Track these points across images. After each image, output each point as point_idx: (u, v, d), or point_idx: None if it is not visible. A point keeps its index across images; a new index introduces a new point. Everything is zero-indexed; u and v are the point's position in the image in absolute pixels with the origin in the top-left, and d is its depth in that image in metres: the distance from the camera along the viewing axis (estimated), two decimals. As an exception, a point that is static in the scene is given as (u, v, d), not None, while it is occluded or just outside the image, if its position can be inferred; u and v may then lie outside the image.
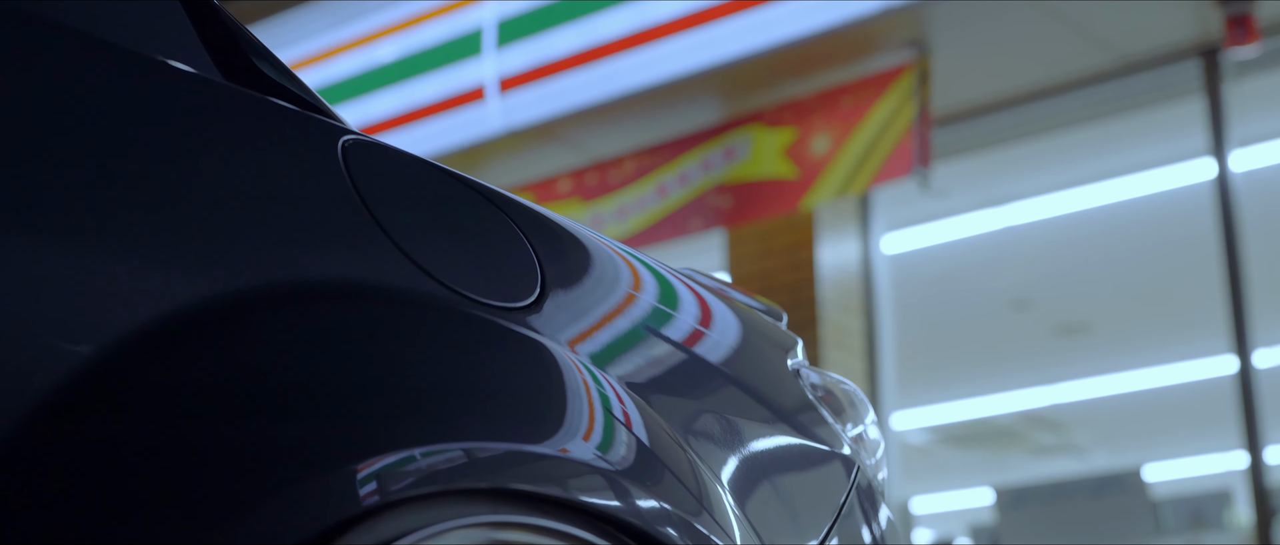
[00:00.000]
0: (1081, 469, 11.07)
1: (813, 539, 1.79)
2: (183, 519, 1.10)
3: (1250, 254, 6.96)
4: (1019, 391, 11.38)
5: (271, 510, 1.14)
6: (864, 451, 2.04)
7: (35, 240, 1.16)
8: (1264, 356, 7.17)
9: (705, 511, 1.57)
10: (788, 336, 2.08)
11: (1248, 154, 7.28)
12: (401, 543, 1.19)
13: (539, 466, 1.39)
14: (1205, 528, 7.59)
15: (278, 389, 1.23)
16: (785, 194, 7.32)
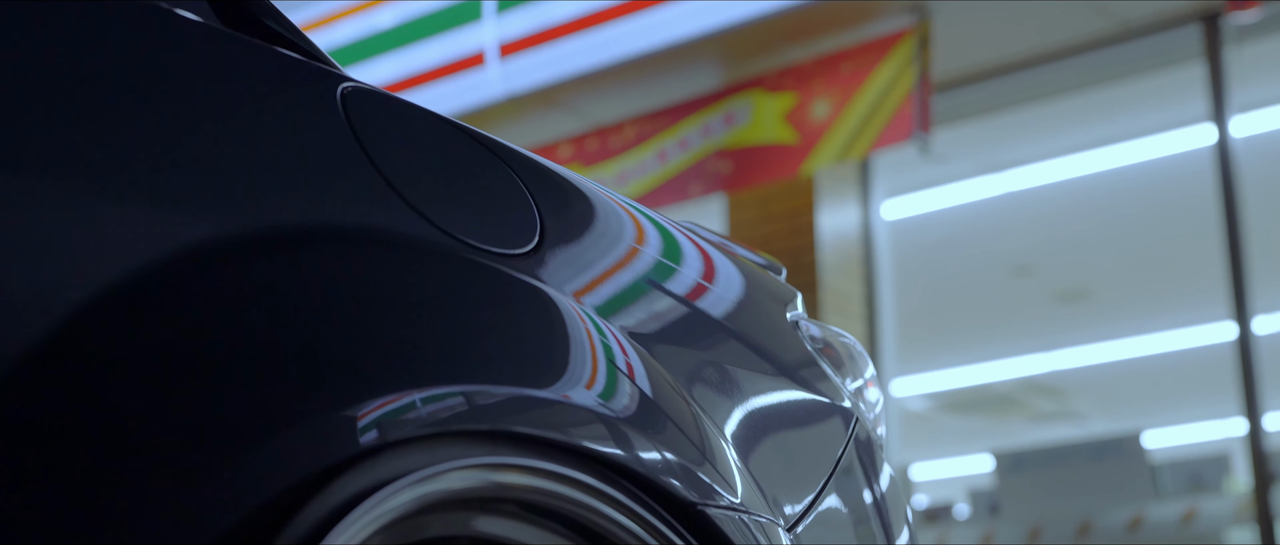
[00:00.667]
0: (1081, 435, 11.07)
1: (810, 490, 1.79)
2: (182, 456, 1.11)
3: (1250, 220, 6.96)
4: (1019, 358, 11.39)
5: (271, 449, 1.14)
6: (863, 404, 2.05)
7: (36, 183, 1.17)
8: (1264, 323, 7.18)
9: (707, 462, 1.57)
10: (787, 289, 2.08)
11: (1248, 119, 7.28)
12: (400, 483, 1.20)
13: (540, 411, 1.40)
14: (1204, 491, 7.60)
15: (278, 330, 1.23)
16: (785, 159, 7.32)
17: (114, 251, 1.18)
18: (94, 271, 1.15)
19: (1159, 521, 7.43)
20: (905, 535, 2.01)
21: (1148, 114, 7.92)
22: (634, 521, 1.42)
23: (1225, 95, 7.01)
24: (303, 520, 1.13)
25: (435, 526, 1.32)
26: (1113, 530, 7.52)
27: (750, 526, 1.58)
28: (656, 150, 7.79)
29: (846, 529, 1.87)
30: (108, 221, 1.20)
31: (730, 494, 1.57)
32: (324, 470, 1.16)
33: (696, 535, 1.49)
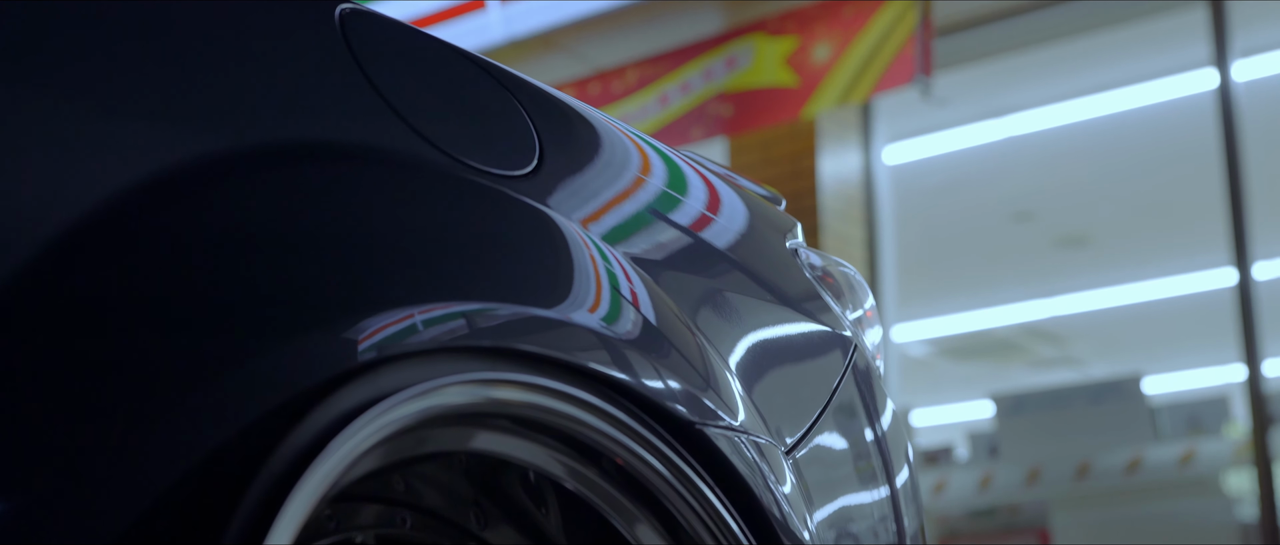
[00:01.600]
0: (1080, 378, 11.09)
1: (808, 417, 1.81)
2: (180, 369, 1.12)
3: (1251, 166, 6.95)
4: (1019, 304, 11.40)
5: (269, 362, 1.16)
6: (863, 333, 2.06)
7: (37, 95, 1.18)
8: (1264, 268, 7.18)
9: (709, 387, 1.59)
10: (787, 219, 2.09)
11: (1250, 64, 7.26)
12: (400, 396, 1.21)
13: (541, 330, 1.41)
14: (1202, 433, 7.62)
15: (278, 246, 1.25)
16: (786, 102, 7.31)
17: (113, 167, 1.19)
18: (93, 186, 1.16)
19: (1157, 463, 7.46)
20: (906, 472, 2.02)
21: (1149, 58, 7.91)
22: (632, 439, 1.43)
23: (1227, 39, 7.00)
24: (305, 429, 1.14)
25: (437, 441, 1.34)
26: (1111, 471, 7.55)
27: (749, 448, 1.59)
28: (658, 94, 7.78)
29: (845, 455, 1.88)
30: (105, 137, 1.20)
31: (730, 417, 1.59)
32: (326, 382, 1.18)
33: (695, 455, 1.51)
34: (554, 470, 1.43)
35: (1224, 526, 7.21)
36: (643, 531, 1.49)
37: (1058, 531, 7.38)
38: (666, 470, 1.46)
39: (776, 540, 1.59)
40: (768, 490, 1.59)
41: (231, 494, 1.08)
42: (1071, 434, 7.79)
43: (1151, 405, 7.93)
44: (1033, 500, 7.58)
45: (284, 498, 1.10)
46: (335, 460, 1.15)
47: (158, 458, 1.09)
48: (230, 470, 1.10)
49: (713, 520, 1.49)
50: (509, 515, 1.51)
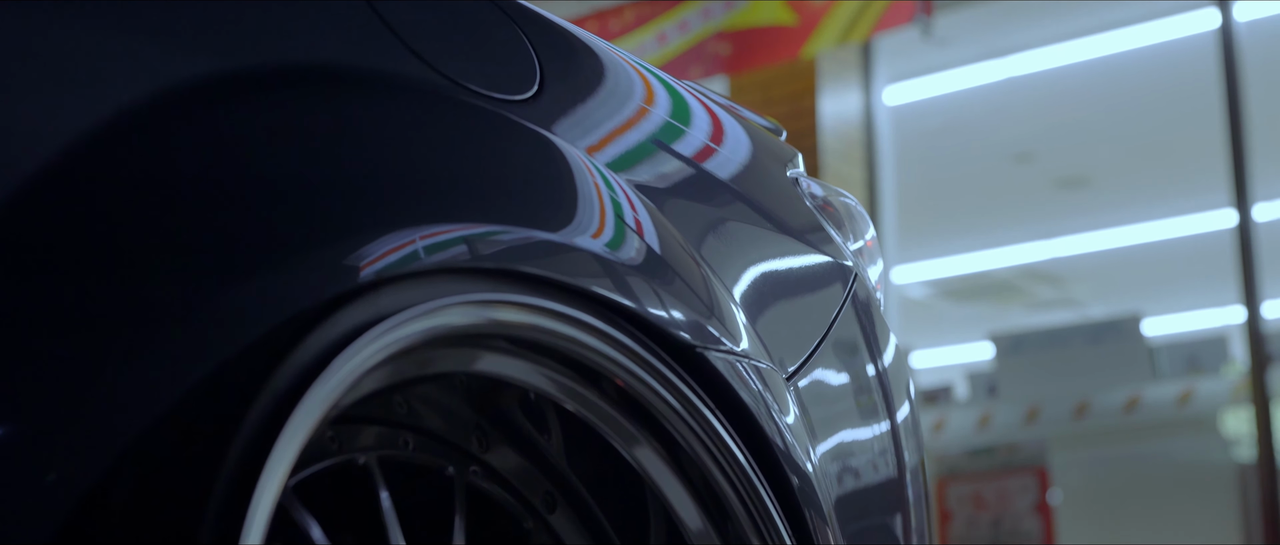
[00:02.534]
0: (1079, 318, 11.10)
1: (809, 344, 1.81)
2: (181, 289, 1.12)
3: (1252, 106, 6.95)
4: (1019, 245, 11.40)
5: (271, 283, 1.16)
6: (864, 263, 2.07)
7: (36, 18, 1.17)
8: (1264, 210, 7.19)
9: (712, 314, 1.59)
10: (788, 150, 2.09)
11: (1251, 4, 7.24)
12: (401, 316, 1.22)
13: (545, 252, 1.41)
14: (1201, 372, 7.64)
15: (280, 168, 1.25)
16: (786, 41, 7.29)
17: (113, 87, 1.19)
18: (93, 106, 1.16)
19: (1155, 402, 7.48)
20: (907, 407, 2.03)
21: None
22: (632, 360, 1.44)
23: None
24: (307, 349, 1.15)
25: (441, 362, 1.34)
26: (1109, 410, 7.58)
27: (750, 372, 1.60)
28: (656, 32, 7.76)
29: (845, 384, 1.89)
30: (112, 56, 1.20)
31: (732, 342, 1.59)
32: (328, 302, 1.18)
33: (697, 379, 1.51)
34: (554, 392, 1.44)
35: (1222, 465, 7.24)
36: (643, 453, 1.50)
37: (1056, 470, 7.41)
38: (666, 392, 1.46)
39: (780, 469, 1.60)
40: (770, 418, 1.60)
41: (233, 413, 1.08)
42: (1070, 373, 7.81)
43: (1150, 345, 7.94)
44: (1031, 439, 7.60)
45: (286, 416, 1.10)
46: (337, 380, 1.16)
47: (160, 377, 1.09)
48: (232, 390, 1.10)
49: (713, 441, 1.50)
50: (510, 438, 1.52)
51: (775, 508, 1.54)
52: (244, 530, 1.04)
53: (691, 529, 1.53)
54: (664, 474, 1.50)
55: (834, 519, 1.70)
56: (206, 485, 1.04)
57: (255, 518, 1.05)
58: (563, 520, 1.55)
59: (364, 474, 1.36)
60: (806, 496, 1.63)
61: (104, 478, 1.06)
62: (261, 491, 1.06)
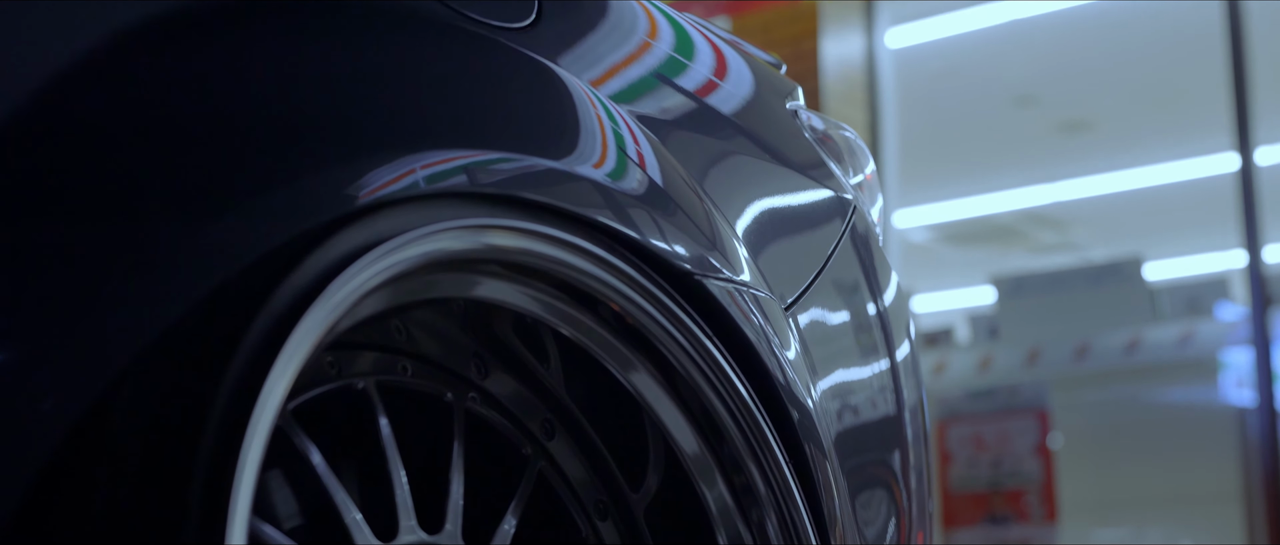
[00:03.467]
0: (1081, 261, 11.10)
1: (807, 274, 1.82)
2: (180, 209, 1.13)
3: (1256, 50, 6.93)
4: (1021, 189, 11.38)
5: (269, 204, 1.17)
6: (863, 197, 2.07)
7: None
8: (1266, 154, 7.18)
9: (713, 246, 1.60)
10: (788, 83, 2.09)
11: (1256, -56, 7.22)
12: (399, 240, 1.22)
13: (546, 179, 1.42)
14: (1202, 314, 7.65)
15: (279, 90, 1.25)
16: (788, -19, 7.27)
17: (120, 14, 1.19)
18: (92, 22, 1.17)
19: (1156, 343, 7.49)
20: (907, 345, 2.04)
21: (1154, -60, 7.86)
22: (628, 286, 1.44)
23: (1233, -81, 6.95)
24: (305, 271, 1.15)
25: (441, 287, 1.35)
26: (1110, 352, 7.58)
27: (748, 300, 1.60)
28: (659, -26, 7.73)
29: (844, 316, 1.89)
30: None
31: (731, 272, 1.60)
32: (326, 224, 1.19)
33: (695, 308, 1.52)
34: (550, 317, 1.44)
35: (1222, 406, 7.25)
36: (639, 379, 1.51)
37: (1056, 411, 7.43)
38: (663, 317, 1.47)
39: (780, 403, 1.60)
40: (771, 351, 1.61)
41: (232, 333, 1.09)
42: (1071, 316, 7.81)
43: (1151, 287, 7.95)
44: (1032, 381, 7.61)
45: (284, 337, 1.11)
46: (335, 301, 1.16)
47: (158, 297, 1.10)
48: (231, 310, 1.11)
49: (709, 366, 1.51)
50: (509, 365, 1.53)
51: (773, 435, 1.55)
52: (243, 448, 1.05)
53: (688, 453, 1.54)
54: (660, 398, 1.51)
55: (834, 454, 1.70)
56: (205, 404, 1.05)
57: (254, 436, 1.06)
58: (561, 447, 1.56)
59: (363, 399, 1.37)
60: (807, 430, 1.64)
61: (102, 399, 1.06)
62: (260, 410, 1.07)
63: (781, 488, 1.55)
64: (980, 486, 7.38)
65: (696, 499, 1.55)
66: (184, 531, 1.01)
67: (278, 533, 1.23)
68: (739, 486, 1.54)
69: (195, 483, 1.02)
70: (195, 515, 1.02)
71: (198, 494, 1.02)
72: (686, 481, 1.55)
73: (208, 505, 1.02)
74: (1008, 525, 7.35)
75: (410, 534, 1.34)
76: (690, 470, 1.54)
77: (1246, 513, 6.96)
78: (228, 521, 1.02)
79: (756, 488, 1.54)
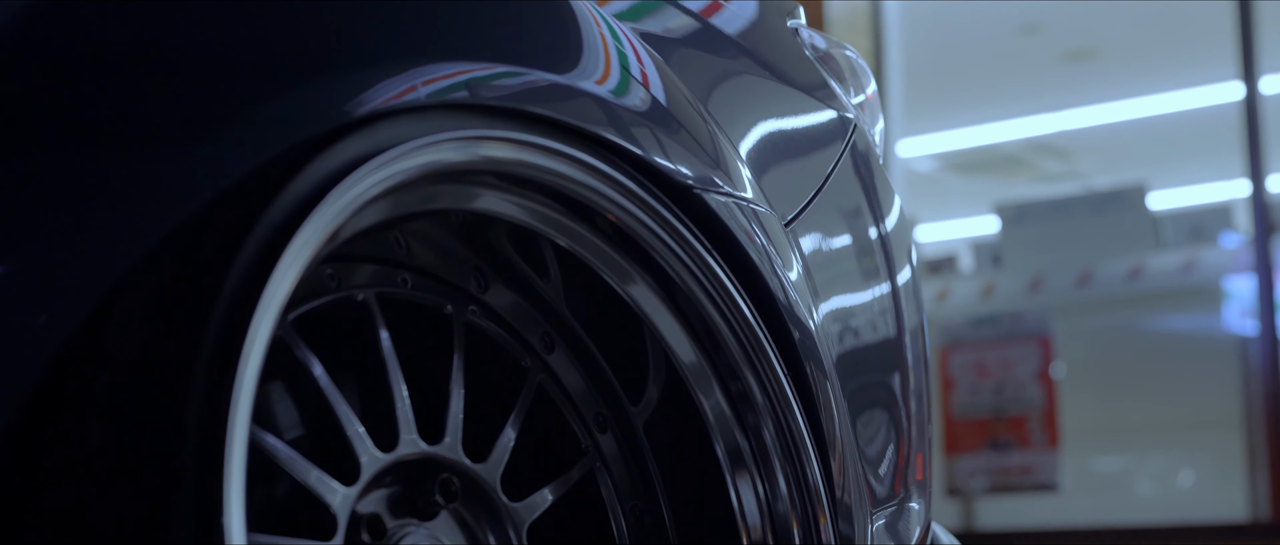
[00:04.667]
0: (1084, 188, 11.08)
1: (808, 191, 1.82)
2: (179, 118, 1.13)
3: (1262, -23, 6.91)
4: (1025, 118, 11.35)
5: (268, 113, 1.17)
6: (865, 117, 2.07)
7: None
8: (1271, 83, 7.16)
9: (714, 162, 1.60)
10: (789, 2, 2.09)
11: None
12: (396, 151, 1.22)
13: (548, 94, 1.42)
14: (1205, 241, 7.64)
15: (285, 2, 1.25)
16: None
17: None
18: None
19: (1159, 270, 7.49)
20: (908, 270, 2.04)
21: None
22: (625, 197, 1.45)
23: None
24: (304, 180, 1.16)
25: (442, 198, 1.35)
26: (1112, 279, 7.58)
27: (747, 214, 1.61)
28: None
29: (843, 234, 1.90)
30: None
31: (730, 187, 1.60)
32: (325, 134, 1.19)
33: (695, 221, 1.53)
34: (547, 229, 1.45)
35: (1223, 333, 7.26)
36: (637, 290, 1.51)
37: (1059, 338, 7.44)
38: (660, 229, 1.48)
39: (782, 323, 1.61)
40: (773, 270, 1.61)
41: (232, 240, 1.09)
42: (1074, 243, 7.81)
43: (1154, 214, 7.94)
44: (1034, 308, 7.62)
45: (284, 245, 1.11)
46: (334, 211, 1.17)
47: (157, 204, 1.10)
48: (230, 218, 1.11)
49: (707, 277, 1.51)
50: (508, 279, 1.53)
51: (771, 345, 1.56)
52: (242, 354, 1.05)
53: (685, 362, 1.54)
54: (658, 309, 1.52)
55: (834, 375, 1.71)
56: (205, 311, 1.06)
57: (254, 343, 1.07)
58: (561, 360, 1.57)
59: (363, 312, 1.38)
60: (808, 351, 1.64)
61: (101, 308, 1.07)
62: (260, 316, 1.07)
63: (779, 397, 1.55)
64: (982, 413, 7.41)
65: (695, 409, 1.56)
66: (184, 438, 1.02)
67: (279, 442, 1.24)
68: (736, 394, 1.55)
69: (195, 390, 1.03)
70: (195, 422, 1.02)
71: (197, 401, 1.03)
72: (685, 393, 1.55)
73: (208, 412, 1.03)
74: (1010, 451, 7.38)
75: (411, 446, 1.35)
76: (687, 379, 1.55)
77: (1247, 439, 6.98)
78: (227, 428, 1.03)
79: (753, 396, 1.55)
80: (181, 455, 1.01)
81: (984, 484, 7.36)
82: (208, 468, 1.02)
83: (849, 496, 1.68)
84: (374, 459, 1.31)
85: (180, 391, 1.03)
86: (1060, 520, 7.29)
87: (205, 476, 1.01)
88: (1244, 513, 6.92)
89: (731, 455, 1.56)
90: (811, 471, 1.57)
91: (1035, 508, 7.42)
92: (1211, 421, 7.15)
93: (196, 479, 1.01)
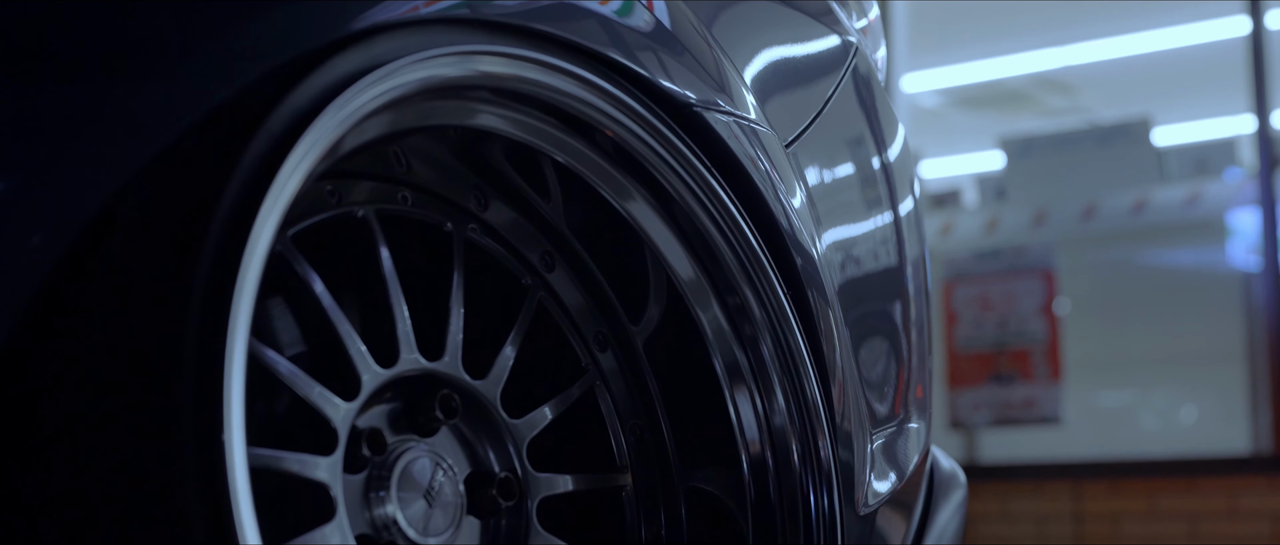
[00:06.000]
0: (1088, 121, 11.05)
1: (809, 113, 1.82)
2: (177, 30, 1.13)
3: (1270, -91, 6.87)
4: (1030, 53, 11.31)
5: (266, 26, 1.17)
6: (867, 42, 2.07)
7: None
8: (1277, 18, 7.13)
9: (721, 89, 1.60)
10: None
11: None
12: (393, 66, 1.22)
13: (550, 12, 1.42)
14: (1209, 175, 7.63)
15: None
16: None
17: None
18: None
19: (1163, 204, 7.48)
20: (910, 200, 2.04)
21: None
22: (623, 113, 1.45)
23: None
24: (302, 93, 1.16)
25: (441, 114, 1.35)
26: (1117, 212, 7.57)
27: (748, 133, 1.61)
28: None
29: (845, 159, 1.90)
30: None
31: (730, 106, 1.61)
32: (323, 47, 1.19)
33: (696, 140, 1.53)
34: (544, 145, 1.45)
35: (1227, 267, 7.26)
36: (636, 208, 1.51)
37: (1063, 272, 7.44)
38: (659, 145, 1.48)
39: (785, 249, 1.61)
40: (775, 195, 1.61)
41: (231, 151, 1.10)
42: (1078, 177, 7.79)
43: (1158, 147, 7.93)
44: (1039, 241, 7.62)
45: (282, 157, 1.11)
46: (332, 124, 1.17)
47: (156, 115, 1.10)
48: (228, 130, 1.11)
49: (705, 193, 1.51)
50: (508, 197, 1.53)
51: (769, 260, 1.56)
52: (242, 263, 1.05)
53: (683, 278, 1.55)
54: (656, 225, 1.52)
55: (836, 303, 1.71)
56: (204, 221, 1.06)
57: (255, 249, 1.07)
58: (561, 279, 1.57)
59: (363, 229, 1.38)
60: (810, 277, 1.65)
61: (102, 215, 1.07)
62: (259, 226, 1.08)
63: (777, 312, 1.56)
64: (986, 346, 7.41)
65: (694, 326, 1.56)
66: (184, 346, 1.02)
67: (280, 357, 1.25)
68: (733, 308, 1.56)
69: (195, 298, 1.03)
70: (195, 330, 1.02)
71: (197, 309, 1.03)
72: (685, 312, 1.56)
73: (207, 320, 1.03)
74: (1013, 384, 7.39)
75: (411, 362, 1.36)
76: (685, 295, 1.55)
77: (1249, 373, 6.99)
78: (227, 337, 1.03)
79: (751, 309, 1.55)
80: (181, 365, 1.01)
81: (987, 417, 7.37)
82: (207, 377, 1.02)
83: (849, 423, 1.68)
84: (374, 375, 1.32)
85: (181, 300, 1.03)
86: (1063, 453, 7.32)
87: (205, 385, 1.02)
88: (1246, 446, 6.94)
89: (730, 370, 1.57)
90: (810, 388, 1.58)
91: (1038, 441, 7.44)
92: (1214, 355, 7.16)
93: (196, 388, 1.01)
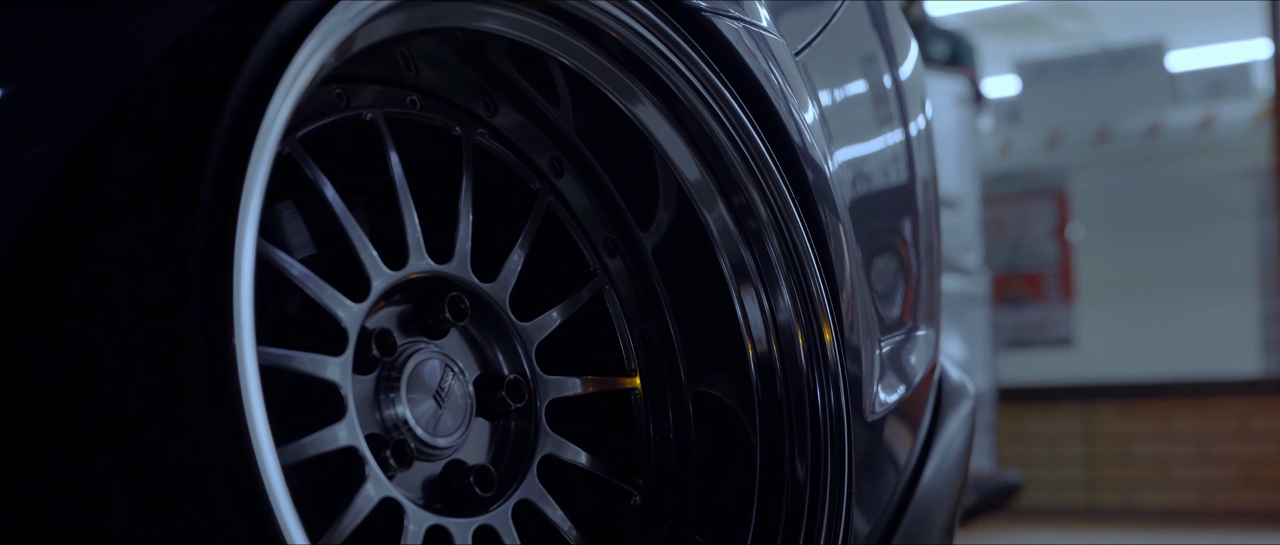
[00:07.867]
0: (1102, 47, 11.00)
1: (815, 26, 1.82)
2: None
3: None
4: (1046, -24, 11.24)
5: None
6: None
7: None
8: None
9: None
10: None
11: None
12: None
13: None
14: (1224, 97, 7.60)
15: None
16: None
17: None
18: None
19: (1177, 127, 7.46)
20: (922, 119, 2.04)
21: None
22: (631, 16, 1.45)
23: None
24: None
25: (449, 16, 1.35)
26: (1130, 135, 7.55)
27: (755, 37, 1.61)
28: None
29: (857, 77, 1.90)
30: None
31: (741, 13, 1.60)
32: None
33: (705, 45, 1.52)
34: (552, 47, 1.45)
35: (1241, 188, 7.24)
36: (643, 111, 1.51)
37: (1076, 194, 7.43)
38: (664, 46, 1.47)
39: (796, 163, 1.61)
40: (788, 109, 1.61)
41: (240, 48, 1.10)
42: (1092, 99, 7.77)
43: (1172, 71, 7.89)
44: (1052, 164, 7.60)
45: (292, 51, 1.12)
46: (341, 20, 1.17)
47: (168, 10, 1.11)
48: (236, 29, 1.11)
49: (710, 93, 1.51)
50: (516, 102, 1.53)
51: (774, 160, 1.56)
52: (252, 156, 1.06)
53: (690, 179, 1.55)
54: (661, 126, 1.52)
55: (847, 219, 1.71)
56: (215, 112, 1.06)
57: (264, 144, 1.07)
58: (570, 184, 1.57)
59: (372, 133, 1.38)
60: (822, 193, 1.65)
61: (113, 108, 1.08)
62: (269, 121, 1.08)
63: (782, 210, 1.56)
64: (999, 269, 7.41)
65: (700, 227, 1.56)
66: (192, 243, 1.02)
67: (290, 259, 1.25)
68: (738, 207, 1.56)
69: (203, 191, 1.03)
70: (202, 226, 1.02)
71: (206, 204, 1.03)
72: (692, 215, 1.56)
73: (216, 215, 1.03)
74: (1025, 307, 7.40)
75: (420, 265, 1.36)
76: (691, 195, 1.55)
77: (1261, 296, 6.99)
78: (237, 230, 1.03)
79: (756, 209, 1.55)
80: (190, 259, 1.01)
81: (1000, 339, 7.38)
82: (217, 273, 1.02)
83: (856, 334, 1.69)
84: (384, 277, 1.32)
85: (190, 193, 1.03)
86: (1075, 375, 7.33)
87: (214, 281, 1.02)
88: (1258, 367, 6.94)
89: (736, 270, 1.57)
90: (816, 285, 1.58)
91: (1050, 362, 7.45)
92: (1226, 278, 7.15)
93: (205, 285, 1.01)
